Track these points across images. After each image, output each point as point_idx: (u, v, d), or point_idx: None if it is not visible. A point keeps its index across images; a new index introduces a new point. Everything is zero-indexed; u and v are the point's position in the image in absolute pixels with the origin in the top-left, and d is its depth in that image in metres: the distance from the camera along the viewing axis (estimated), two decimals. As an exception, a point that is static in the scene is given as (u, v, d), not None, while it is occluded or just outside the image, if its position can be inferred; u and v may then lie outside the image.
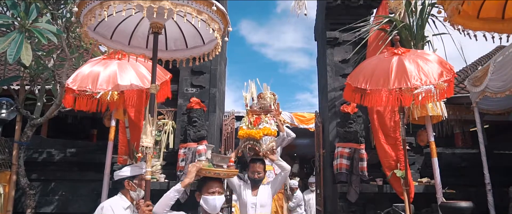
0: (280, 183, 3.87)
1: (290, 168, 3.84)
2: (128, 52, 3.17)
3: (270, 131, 3.75)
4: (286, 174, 3.80)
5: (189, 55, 3.13)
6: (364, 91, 4.02)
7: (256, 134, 3.71)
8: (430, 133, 5.02)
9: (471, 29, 2.90)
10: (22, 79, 5.35)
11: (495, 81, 4.69)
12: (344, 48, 6.17)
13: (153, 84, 2.68)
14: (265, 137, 3.82)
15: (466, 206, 4.23)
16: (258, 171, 3.69)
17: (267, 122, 3.81)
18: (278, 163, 3.81)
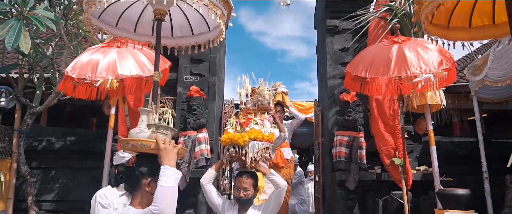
0: (275, 205, 2.90)
1: (286, 185, 2.96)
2: (134, 40, 3.15)
3: (261, 135, 2.94)
4: (280, 193, 2.86)
5: (195, 42, 3.11)
6: (364, 79, 4.03)
7: (239, 138, 2.88)
8: (429, 121, 5.05)
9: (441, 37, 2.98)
10: (21, 67, 5.33)
11: (495, 70, 4.70)
12: (344, 36, 6.15)
13: (156, 71, 2.67)
14: (253, 142, 2.92)
15: (463, 194, 4.29)
16: (245, 188, 2.85)
17: (257, 123, 3.00)
18: (270, 177, 2.91)
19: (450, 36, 2.97)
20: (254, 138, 2.89)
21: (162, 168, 1.81)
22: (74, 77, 3.74)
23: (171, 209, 1.80)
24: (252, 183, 2.90)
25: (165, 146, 1.87)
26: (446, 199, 4.40)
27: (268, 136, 2.98)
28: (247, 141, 2.88)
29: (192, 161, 5.30)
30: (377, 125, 5.31)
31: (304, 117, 5.90)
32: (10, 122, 5.23)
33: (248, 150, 2.88)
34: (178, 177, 1.89)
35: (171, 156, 1.86)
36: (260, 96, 3.73)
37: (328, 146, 5.88)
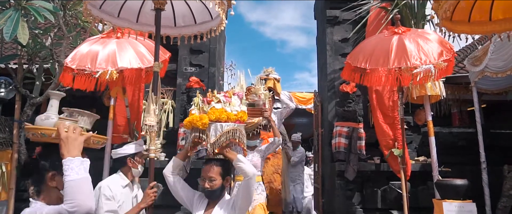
0: (245, 198, 2.43)
1: (255, 173, 2.50)
2: (136, 30, 3.13)
3: (225, 115, 2.47)
4: (248, 183, 2.40)
5: (197, 31, 3.09)
6: (364, 70, 4.02)
7: (198, 121, 2.43)
8: (428, 112, 5.06)
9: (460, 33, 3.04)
10: (20, 58, 5.31)
11: (495, 61, 4.69)
12: (344, 27, 6.13)
13: (156, 62, 2.66)
14: (216, 124, 2.48)
15: (461, 184, 4.32)
16: (210, 177, 2.40)
17: (220, 100, 2.53)
18: (237, 164, 2.44)
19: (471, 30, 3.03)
20: (216, 119, 2.45)
21: (64, 161, 1.57)
22: (74, 68, 3.74)
23: (88, 201, 1.55)
24: (219, 172, 2.43)
25: (67, 135, 1.60)
26: (444, 189, 4.43)
27: (237, 115, 2.53)
28: (206, 123, 2.43)
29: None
30: (376, 116, 5.33)
31: (295, 105, 5.77)
32: (10, 112, 5.23)
33: (210, 134, 2.45)
34: (86, 165, 1.64)
35: (74, 146, 1.59)
36: (256, 96, 3.57)
37: (328, 136, 5.90)
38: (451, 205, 4.18)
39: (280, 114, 5.71)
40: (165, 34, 3.33)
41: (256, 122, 3.52)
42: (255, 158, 4.10)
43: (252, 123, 3.49)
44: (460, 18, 2.99)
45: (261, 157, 4.17)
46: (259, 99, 3.58)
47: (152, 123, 2.65)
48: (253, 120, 3.51)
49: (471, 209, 4.16)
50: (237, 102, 2.59)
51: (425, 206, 5.15)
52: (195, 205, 2.51)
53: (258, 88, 3.64)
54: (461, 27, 2.99)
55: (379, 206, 5.56)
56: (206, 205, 2.49)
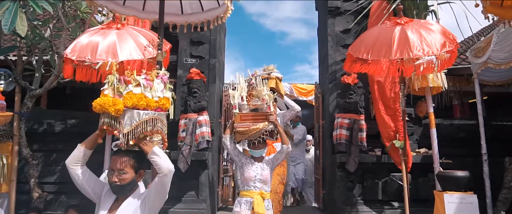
0: (157, 195, 2.13)
1: (172, 170, 2.13)
2: (142, 18, 3.10)
3: (144, 101, 2.13)
4: (163, 180, 2.09)
5: (204, 18, 3.07)
6: (365, 61, 3.99)
7: (111, 106, 2.08)
8: (430, 104, 5.05)
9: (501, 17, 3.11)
10: (19, 49, 5.28)
11: (498, 52, 4.66)
12: (345, 18, 6.07)
13: (160, 51, 2.64)
14: (132, 111, 2.12)
15: (462, 176, 4.32)
16: (120, 170, 2.09)
17: (140, 84, 2.16)
18: (152, 158, 2.11)
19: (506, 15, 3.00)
20: (133, 106, 2.11)
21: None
22: (74, 60, 3.70)
23: None
24: (131, 164, 2.12)
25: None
26: (445, 181, 4.44)
27: (158, 102, 2.19)
28: (120, 110, 2.08)
29: (193, 144, 5.32)
30: (378, 107, 5.30)
31: (299, 109, 5.09)
32: (10, 105, 5.22)
33: (123, 122, 2.11)
34: None
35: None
36: (259, 99, 3.32)
37: (329, 128, 5.89)
38: (452, 197, 4.19)
39: (283, 116, 5.17)
40: (172, 22, 3.29)
41: (260, 127, 3.27)
42: (265, 172, 3.44)
43: (256, 129, 3.28)
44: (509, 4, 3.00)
45: (270, 169, 3.53)
46: (263, 102, 3.32)
47: None
48: (257, 126, 3.28)
49: (472, 201, 4.17)
50: (160, 87, 2.23)
51: (426, 198, 5.16)
52: (103, 201, 2.17)
53: (260, 90, 3.35)
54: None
55: (380, 197, 5.57)
56: (113, 201, 2.15)
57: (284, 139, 3.43)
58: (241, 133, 3.35)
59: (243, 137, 3.38)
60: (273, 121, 3.33)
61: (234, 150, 3.48)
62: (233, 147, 3.49)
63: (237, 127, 3.35)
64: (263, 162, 3.50)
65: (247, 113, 3.32)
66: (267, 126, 3.30)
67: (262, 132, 3.31)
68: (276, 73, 5.09)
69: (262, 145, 3.45)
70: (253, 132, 3.25)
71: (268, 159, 3.53)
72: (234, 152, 3.47)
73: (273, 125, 3.34)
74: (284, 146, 3.43)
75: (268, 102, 3.33)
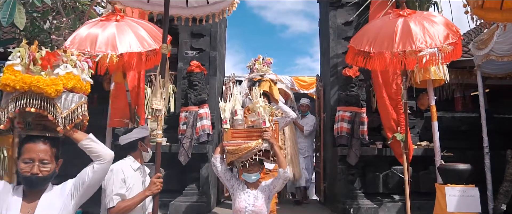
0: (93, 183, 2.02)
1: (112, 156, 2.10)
2: (147, 10, 3.06)
3: (80, 84, 1.99)
4: (103, 167, 2.06)
5: (209, 11, 3.03)
6: (367, 54, 3.95)
7: (48, 86, 1.86)
8: (431, 96, 5.01)
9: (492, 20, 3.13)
10: (18, 41, 5.24)
11: (501, 44, 4.62)
12: (347, 10, 6.02)
13: (164, 44, 2.61)
14: (67, 94, 1.95)
15: (463, 169, 4.31)
16: (41, 159, 1.87)
17: (76, 64, 2.01)
18: (88, 146, 2.02)
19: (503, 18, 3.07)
20: (73, 87, 1.95)
21: None
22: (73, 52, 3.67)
23: None
24: (53, 153, 1.92)
25: None
26: (446, 174, 4.42)
27: (86, 86, 2.06)
28: (61, 90, 1.88)
29: (193, 137, 5.31)
30: (381, 96, 5.23)
31: (295, 116, 4.48)
32: (10, 98, 5.20)
33: (60, 105, 1.91)
34: None
35: None
36: (255, 114, 2.84)
37: (330, 121, 5.87)
38: (453, 190, 4.17)
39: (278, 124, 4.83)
40: (177, 14, 3.24)
41: (252, 146, 2.67)
42: (259, 202, 2.78)
43: (247, 148, 2.68)
44: (491, 5, 2.98)
45: (267, 198, 2.86)
46: (259, 117, 2.79)
47: (159, 106, 2.62)
48: (249, 144, 2.68)
49: (474, 194, 4.16)
50: (86, 66, 2.11)
51: (427, 191, 5.17)
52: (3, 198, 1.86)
53: (256, 101, 2.82)
54: (493, 15, 2.98)
55: (380, 190, 5.58)
56: (21, 199, 1.87)
57: (280, 161, 2.75)
58: (231, 152, 2.75)
59: (233, 157, 2.75)
60: (268, 139, 2.71)
61: (225, 174, 2.84)
62: (224, 169, 2.84)
63: (227, 145, 2.75)
64: (258, 189, 2.80)
65: (240, 129, 2.80)
66: (260, 144, 2.70)
67: (255, 151, 2.70)
68: (270, 75, 4.47)
69: (256, 168, 2.79)
70: (244, 152, 2.67)
71: (264, 185, 2.84)
72: (225, 176, 2.84)
73: (268, 143, 2.72)
74: (281, 170, 2.73)
75: (264, 116, 2.76)
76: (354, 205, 5.24)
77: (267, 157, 2.79)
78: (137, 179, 2.74)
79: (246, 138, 2.69)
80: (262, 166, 2.88)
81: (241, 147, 2.68)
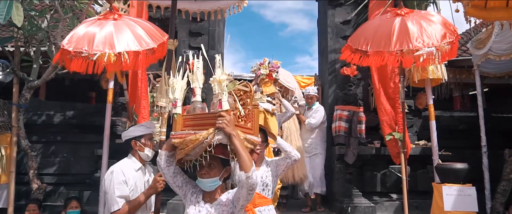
0: None
1: None
2: (154, 3, 3.03)
3: None
4: None
5: (218, 6, 2.99)
6: (365, 53, 3.94)
7: None
8: (429, 95, 5.02)
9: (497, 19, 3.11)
10: (17, 40, 5.25)
11: (499, 44, 4.63)
12: (345, 8, 6.01)
13: (171, 40, 2.61)
14: None
15: (461, 168, 4.32)
16: None
17: None
18: None
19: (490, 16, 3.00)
20: None
21: None
22: (71, 51, 3.66)
23: None
24: None
25: None
26: (444, 173, 4.43)
27: None
28: None
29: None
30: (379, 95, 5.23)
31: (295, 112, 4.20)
32: (8, 96, 5.20)
33: None
34: None
35: None
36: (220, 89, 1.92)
37: (328, 120, 5.87)
38: (450, 189, 4.18)
39: (279, 121, 4.32)
40: (184, 8, 3.21)
41: (200, 139, 1.79)
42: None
43: (193, 140, 1.81)
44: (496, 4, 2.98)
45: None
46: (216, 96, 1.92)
47: (164, 104, 2.60)
48: (198, 135, 1.80)
49: (471, 193, 4.16)
50: None
51: (425, 190, 5.18)
52: None
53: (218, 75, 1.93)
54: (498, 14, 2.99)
55: (378, 189, 5.58)
56: None
57: (241, 161, 1.81)
58: (178, 147, 1.91)
59: (181, 153, 1.90)
60: (223, 127, 1.79)
61: (174, 178, 2.00)
62: (173, 172, 2.00)
63: (173, 137, 1.92)
64: (216, 204, 1.94)
65: (192, 115, 2.00)
66: (212, 135, 1.80)
67: (204, 146, 1.82)
68: (265, 105, 3.39)
69: (215, 170, 1.94)
70: (190, 146, 1.83)
71: (224, 198, 1.95)
72: (175, 181, 2.01)
73: (223, 134, 1.81)
74: (242, 174, 1.82)
75: (222, 93, 1.89)
76: (351, 204, 5.25)
77: (221, 152, 1.89)
78: (139, 179, 2.68)
79: (198, 127, 1.87)
80: (227, 168, 1.99)
81: (186, 140, 1.84)
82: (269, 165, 2.91)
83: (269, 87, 4.25)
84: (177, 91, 2.17)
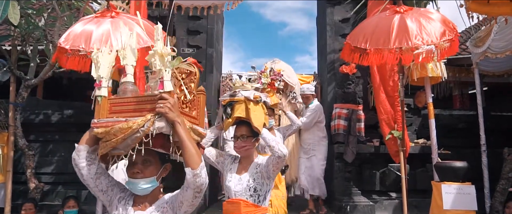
0: None
1: None
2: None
3: None
4: None
5: (212, 3, 2.99)
6: (364, 51, 3.92)
7: None
8: (429, 94, 5.00)
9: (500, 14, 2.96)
10: (13, 38, 5.21)
11: (498, 41, 4.62)
12: (344, 6, 5.99)
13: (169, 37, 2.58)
14: None
15: (460, 166, 4.30)
16: None
17: None
18: None
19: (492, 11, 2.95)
20: None
21: None
22: (68, 49, 3.64)
23: None
24: None
25: None
26: (443, 172, 4.42)
27: None
28: None
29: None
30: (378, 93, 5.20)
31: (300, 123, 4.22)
32: (5, 95, 5.17)
33: None
34: None
35: None
36: None
37: (327, 118, 5.85)
38: (449, 187, 4.16)
39: (283, 134, 4.13)
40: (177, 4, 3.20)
41: (134, 126, 1.41)
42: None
43: (124, 129, 1.43)
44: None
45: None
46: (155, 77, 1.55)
47: None
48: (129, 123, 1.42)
49: (470, 192, 4.15)
50: None
51: (424, 188, 5.16)
52: None
53: None
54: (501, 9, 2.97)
55: (377, 188, 5.57)
56: None
57: (187, 155, 1.47)
58: (102, 138, 1.53)
59: (106, 147, 1.49)
60: (166, 112, 1.42)
61: (95, 180, 1.58)
62: (94, 172, 1.58)
63: (96, 125, 1.55)
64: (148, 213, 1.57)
65: (124, 98, 1.58)
66: (150, 123, 1.42)
67: (139, 136, 1.43)
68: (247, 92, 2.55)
69: (150, 168, 1.57)
70: (120, 137, 1.43)
71: (163, 201, 1.61)
72: (97, 183, 1.59)
73: (165, 121, 1.45)
74: (187, 170, 1.48)
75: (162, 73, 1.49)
76: (350, 203, 5.23)
77: (161, 145, 1.51)
78: None
79: (131, 113, 1.48)
80: (167, 165, 1.67)
81: (114, 129, 1.44)
82: (259, 166, 2.41)
83: (271, 97, 3.80)
84: (103, 68, 1.66)
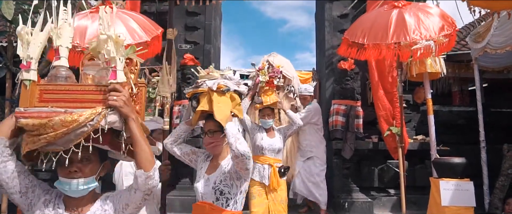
0: None
1: None
2: None
3: None
4: None
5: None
6: (362, 46, 3.89)
7: None
8: (428, 90, 4.97)
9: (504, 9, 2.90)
10: (9, 34, 5.18)
11: (498, 37, 4.58)
12: (342, 2, 5.94)
13: (170, 29, 2.57)
14: None
15: (458, 162, 4.27)
16: None
17: None
18: None
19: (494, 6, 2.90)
20: None
21: None
22: (62, 44, 3.61)
23: None
24: None
25: None
26: (441, 168, 4.39)
27: None
28: None
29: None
30: (377, 89, 5.18)
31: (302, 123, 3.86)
32: (1, 91, 5.15)
33: None
34: None
35: None
36: None
37: (325, 114, 5.82)
38: (448, 184, 4.13)
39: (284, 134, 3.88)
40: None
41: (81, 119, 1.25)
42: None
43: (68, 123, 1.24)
44: None
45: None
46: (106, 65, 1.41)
47: (167, 94, 2.57)
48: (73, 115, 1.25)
49: (468, 188, 4.11)
50: None
51: (423, 185, 5.13)
52: None
53: None
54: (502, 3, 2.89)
55: (376, 184, 5.54)
56: None
57: (142, 155, 1.34)
58: (30, 132, 1.28)
59: (35, 143, 1.28)
60: (120, 106, 1.30)
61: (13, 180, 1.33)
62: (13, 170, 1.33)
63: (22, 115, 1.28)
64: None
65: (61, 85, 1.35)
66: (100, 116, 1.28)
67: (87, 131, 1.27)
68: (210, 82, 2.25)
69: (89, 167, 1.35)
70: (60, 131, 1.25)
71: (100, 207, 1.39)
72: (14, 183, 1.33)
73: (118, 116, 1.32)
74: (140, 173, 1.33)
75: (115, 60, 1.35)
76: (348, 200, 5.21)
77: (107, 142, 1.35)
78: None
79: (70, 103, 1.30)
80: (106, 163, 1.43)
81: (53, 121, 1.24)
82: (228, 165, 2.11)
83: (270, 96, 3.62)
84: (32, 46, 1.40)
